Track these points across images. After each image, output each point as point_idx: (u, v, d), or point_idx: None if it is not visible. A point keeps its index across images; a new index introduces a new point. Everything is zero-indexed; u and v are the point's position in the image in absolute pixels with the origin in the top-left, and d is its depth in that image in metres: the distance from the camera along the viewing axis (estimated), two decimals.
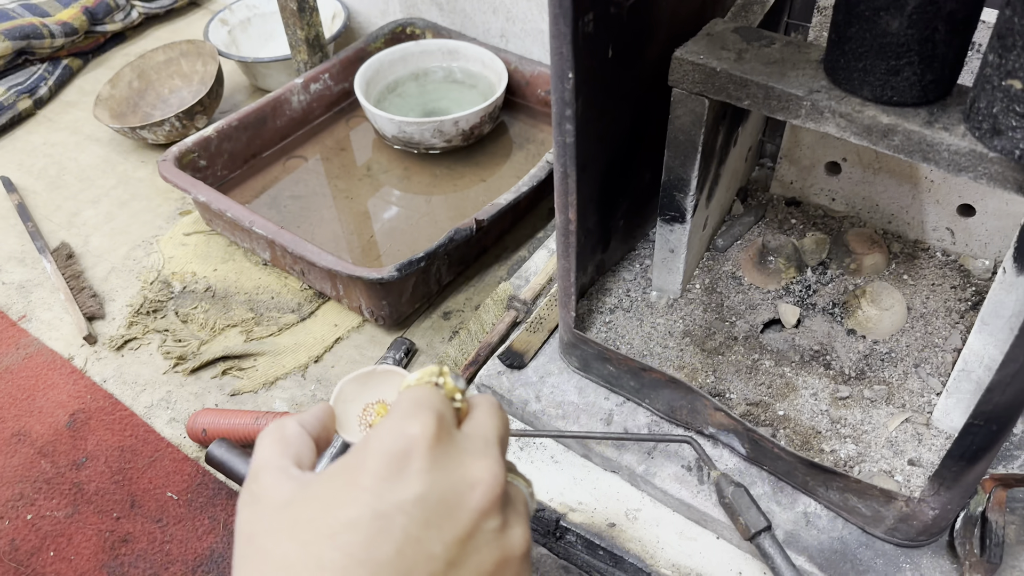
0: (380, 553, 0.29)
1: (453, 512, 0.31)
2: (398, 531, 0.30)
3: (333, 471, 0.32)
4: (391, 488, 0.30)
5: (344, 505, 0.30)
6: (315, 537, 0.30)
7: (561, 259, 0.64)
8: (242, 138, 1.03)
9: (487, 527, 0.31)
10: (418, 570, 0.30)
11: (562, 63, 0.51)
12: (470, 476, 0.32)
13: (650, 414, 0.69)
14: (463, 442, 0.33)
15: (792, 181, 0.82)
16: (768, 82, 0.56)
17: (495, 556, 0.32)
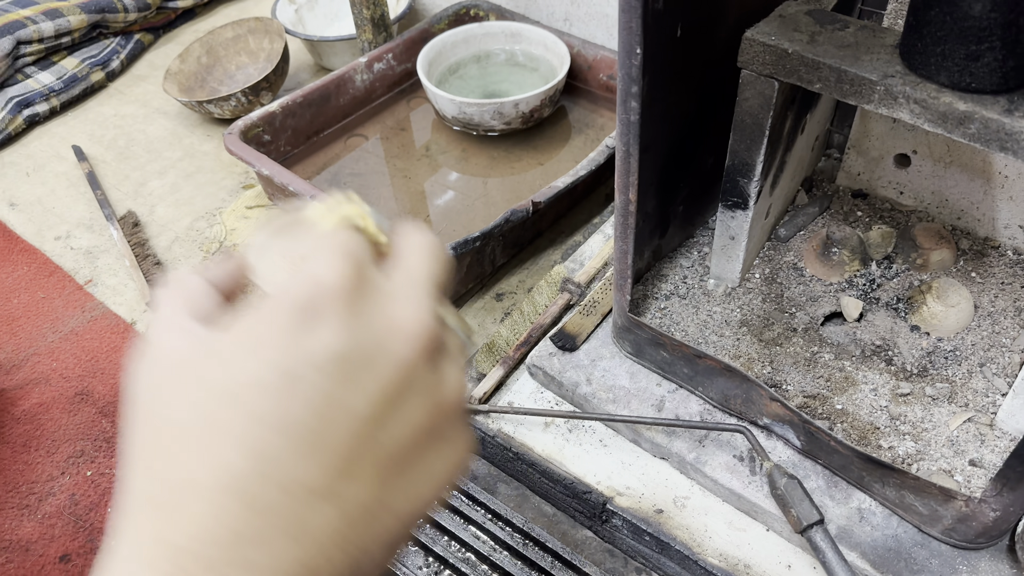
0: (289, 414, 0.26)
1: (374, 366, 0.27)
2: (310, 389, 0.26)
3: (237, 326, 0.28)
4: (300, 343, 0.27)
5: (247, 363, 0.27)
6: (213, 398, 0.27)
7: (619, 241, 0.64)
8: (306, 115, 1.04)
9: (415, 380, 0.28)
10: (336, 430, 0.27)
11: (631, 38, 0.50)
12: (393, 325, 0.28)
13: (703, 402, 0.68)
14: (386, 288, 0.29)
15: (859, 173, 0.80)
16: (841, 65, 0.54)
17: (426, 410, 0.29)
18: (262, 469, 0.26)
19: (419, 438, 0.28)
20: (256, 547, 0.25)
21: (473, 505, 0.65)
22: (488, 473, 0.70)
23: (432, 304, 0.29)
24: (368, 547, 0.28)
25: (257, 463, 0.26)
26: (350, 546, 0.27)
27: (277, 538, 0.26)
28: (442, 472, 0.30)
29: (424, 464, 0.29)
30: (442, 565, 0.62)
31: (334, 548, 0.27)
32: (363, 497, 0.27)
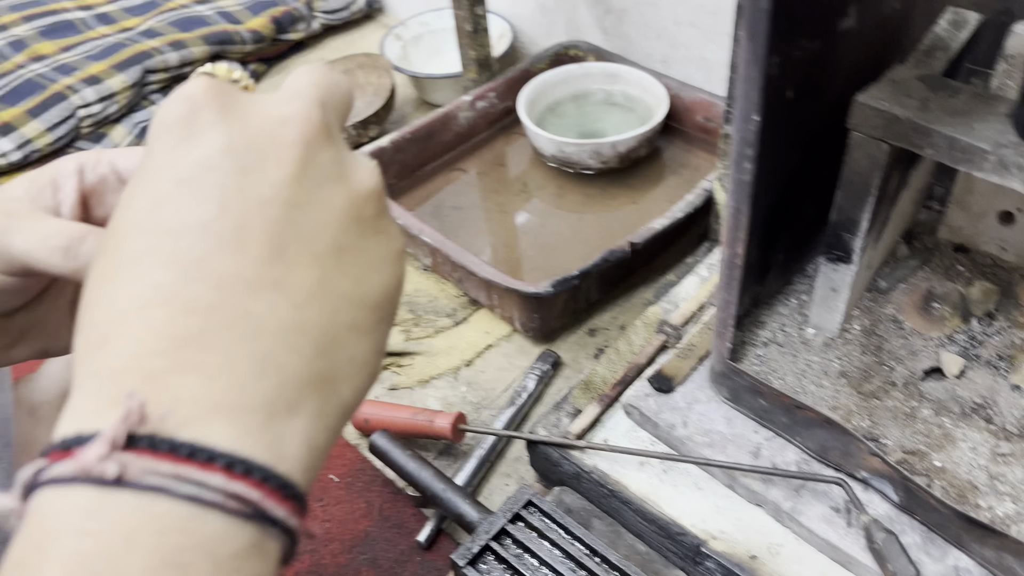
0: (195, 215, 0.26)
1: (269, 152, 0.27)
2: (211, 188, 0.26)
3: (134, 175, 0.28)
4: (185, 152, 0.27)
5: (140, 189, 0.27)
6: (119, 236, 0.27)
7: (723, 291, 0.66)
8: (412, 150, 1.10)
9: (319, 161, 0.28)
10: (253, 219, 0.26)
11: (748, 105, 0.53)
12: (277, 114, 0.28)
13: (799, 452, 0.69)
14: (262, 96, 0.29)
15: (961, 227, 0.80)
16: (953, 133, 0.56)
17: (340, 194, 0.28)
18: (187, 273, 0.25)
19: (342, 221, 0.28)
20: (202, 349, 0.25)
21: (571, 539, 0.67)
22: (583, 508, 0.72)
23: (318, 104, 0.29)
24: (332, 332, 0.27)
25: (180, 269, 0.25)
26: (310, 331, 0.26)
27: (223, 335, 0.25)
28: (382, 259, 0.29)
29: (359, 249, 0.28)
30: None
31: (293, 335, 0.26)
32: (304, 280, 0.27)
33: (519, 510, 0.69)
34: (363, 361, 0.28)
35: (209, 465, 0.23)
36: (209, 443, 0.24)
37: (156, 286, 0.25)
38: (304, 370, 0.26)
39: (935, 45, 0.68)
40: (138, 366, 0.25)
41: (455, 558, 0.66)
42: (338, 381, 0.27)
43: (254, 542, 0.24)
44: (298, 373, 0.26)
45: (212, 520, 0.23)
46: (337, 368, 0.27)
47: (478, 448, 0.81)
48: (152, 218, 0.26)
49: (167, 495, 0.23)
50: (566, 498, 0.73)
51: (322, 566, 0.75)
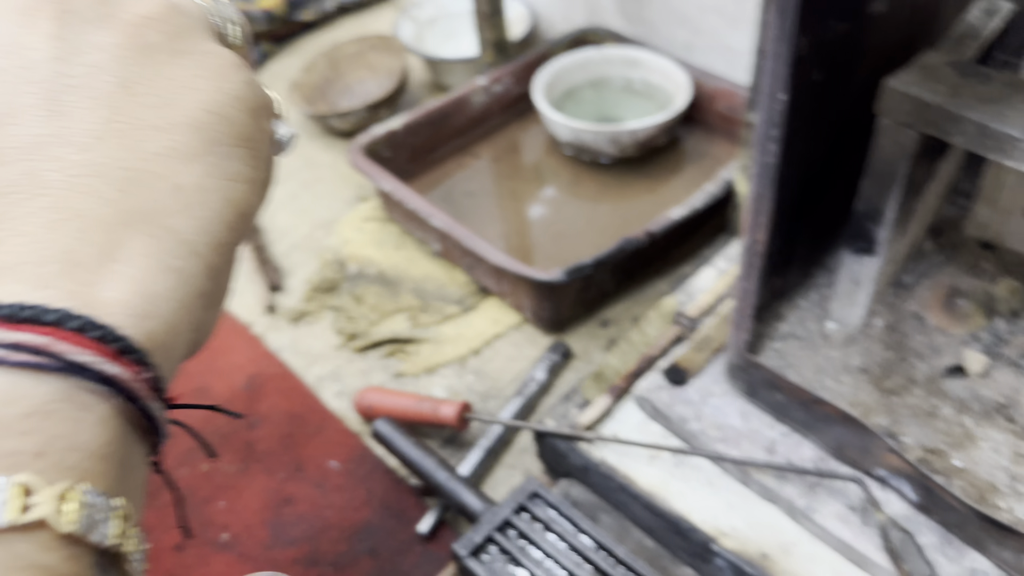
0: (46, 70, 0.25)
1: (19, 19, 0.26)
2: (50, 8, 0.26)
3: None
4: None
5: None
6: None
7: (742, 280, 0.64)
8: (425, 133, 1.08)
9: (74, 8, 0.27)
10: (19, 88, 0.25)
11: (776, 84, 0.51)
12: None
13: (816, 449, 0.67)
14: None
15: (988, 223, 0.78)
16: (984, 120, 0.53)
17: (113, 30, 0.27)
18: None
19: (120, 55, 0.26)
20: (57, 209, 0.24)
21: (577, 531, 0.65)
22: (590, 501, 0.71)
23: None
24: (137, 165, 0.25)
25: None
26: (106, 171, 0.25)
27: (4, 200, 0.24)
28: (193, 78, 0.27)
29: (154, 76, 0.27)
30: None
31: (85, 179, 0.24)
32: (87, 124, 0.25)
33: (524, 501, 0.67)
34: (196, 187, 0.26)
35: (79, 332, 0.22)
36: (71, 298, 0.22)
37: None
38: (109, 211, 0.24)
39: (966, 33, 0.65)
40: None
41: (457, 548, 0.64)
42: (165, 214, 0.25)
43: (57, 396, 0.22)
44: (101, 215, 0.24)
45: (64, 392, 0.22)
46: (158, 201, 0.25)
47: (483, 438, 0.79)
48: None
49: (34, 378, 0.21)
50: (573, 491, 0.71)
51: (320, 554, 0.74)
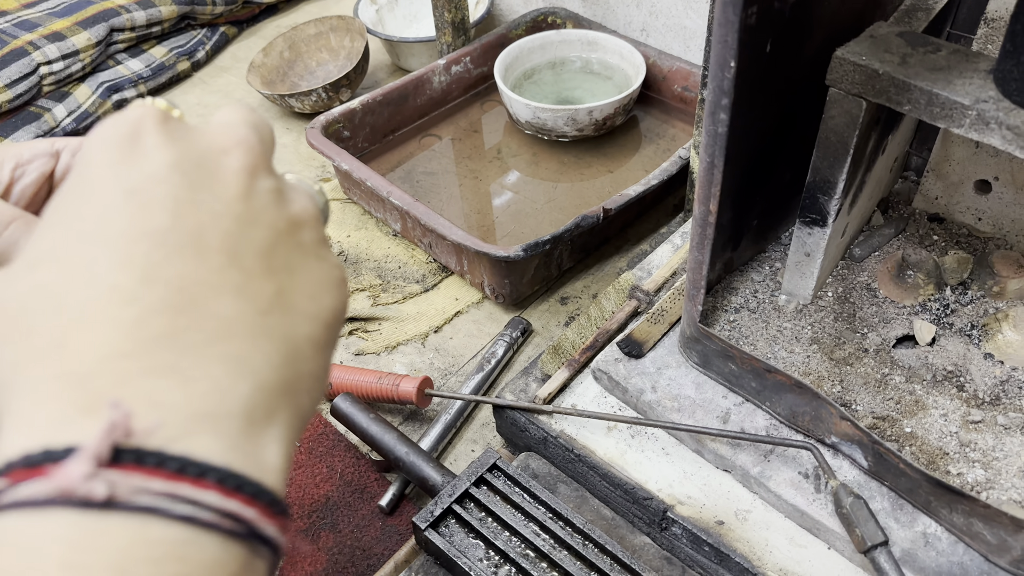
0: (150, 224, 0.25)
1: (215, 174, 0.27)
2: (163, 199, 0.26)
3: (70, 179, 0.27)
4: (132, 166, 0.26)
5: (80, 204, 0.26)
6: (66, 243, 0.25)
7: (694, 251, 0.65)
8: (384, 113, 1.07)
9: (261, 188, 0.28)
10: (208, 229, 0.26)
11: (725, 51, 0.51)
12: (218, 144, 0.28)
13: (769, 417, 0.68)
14: (199, 127, 0.29)
15: (937, 196, 0.79)
16: (933, 88, 0.54)
17: (285, 216, 0.28)
18: (147, 275, 0.24)
19: (288, 242, 0.28)
20: (173, 350, 0.23)
21: (535, 503, 0.66)
22: (549, 473, 0.71)
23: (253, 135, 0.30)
24: (295, 343, 0.27)
25: (139, 272, 0.24)
26: (276, 338, 0.26)
27: (193, 336, 0.24)
28: (330, 283, 0.29)
29: (307, 270, 0.29)
30: (502, 559, 0.63)
31: (261, 339, 0.25)
32: (264, 290, 0.26)
33: (483, 473, 0.67)
34: (318, 376, 0.28)
35: (201, 481, 0.21)
36: (198, 456, 0.22)
37: (115, 288, 0.24)
38: (275, 376, 0.25)
39: (917, 5, 0.66)
40: (108, 369, 0.22)
41: (416, 521, 0.64)
42: (301, 392, 0.27)
43: (246, 563, 0.22)
44: (270, 379, 0.25)
45: (208, 544, 0.21)
46: (300, 379, 0.27)
47: (445, 413, 0.79)
48: (101, 226, 0.25)
49: (161, 517, 0.21)
50: (532, 463, 0.72)
51: None
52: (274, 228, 0.28)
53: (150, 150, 0.27)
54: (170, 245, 0.25)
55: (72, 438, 0.21)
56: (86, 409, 0.21)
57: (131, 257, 0.24)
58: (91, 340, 0.23)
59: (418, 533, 0.65)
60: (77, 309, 0.23)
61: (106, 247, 0.24)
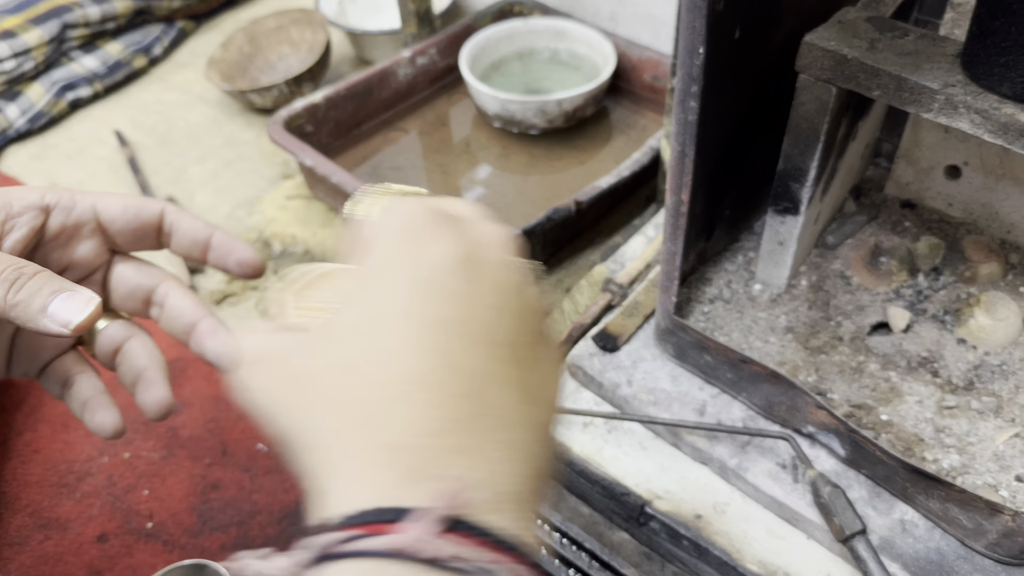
0: (445, 314, 0.29)
1: (481, 266, 0.31)
2: (445, 289, 0.29)
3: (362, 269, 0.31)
4: (419, 257, 0.30)
5: (373, 289, 0.29)
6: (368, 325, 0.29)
7: (667, 242, 0.64)
8: (348, 107, 1.05)
9: (510, 280, 0.31)
10: (493, 323, 0.29)
11: (694, 37, 0.50)
12: (481, 236, 0.32)
13: (746, 408, 0.68)
14: (455, 215, 0.32)
15: (908, 183, 0.79)
16: (901, 73, 0.54)
17: (523, 304, 0.31)
18: (442, 363, 0.28)
19: (536, 335, 0.32)
20: (468, 433, 0.27)
21: None
22: None
23: (504, 228, 0.33)
24: (542, 427, 0.30)
25: (435, 360, 0.28)
26: (532, 424, 0.29)
27: (482, 422, 0.27)
28: (555, 368, 0.33)
29: (545, 358, 0.32)
30: None
31: (535, 431, 0.29)
32: (529, 380, 0.29)
33: None
34: (547, 471, 0.30)
35: (516, 556, 0.25)
36: (507, 532, 0.25)
37: (414, 372, 0.27)
38: (542, 461, 0.29)
39: None
40: (422, 444, 0.26)
41: None
42: (542, 480, 0.30)
43: None
44: (540, 467, 0.29)
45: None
46: (540, 473, 0.29)
47: None
48: (397, 311, 0.28)
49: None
50: None
51: (250, 539, 0.72)
52: (536, 321, 0.32)
53: (436, 244, 0.30)
54: (463, 337, 0.28)
55: (405, 502, 0.25)
56: (412, 478, 0.25)
57: (428, 345, 0.28)
58: (399, 416, 0.27)
59: None
60: (383, 388, 0.27)
61: (406, 332, 0.28)
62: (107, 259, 0.43)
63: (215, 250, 0.43)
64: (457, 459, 0.26)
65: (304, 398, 0.29)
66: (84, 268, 0.42)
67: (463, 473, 0.26)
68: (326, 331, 0.30)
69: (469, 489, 0.25)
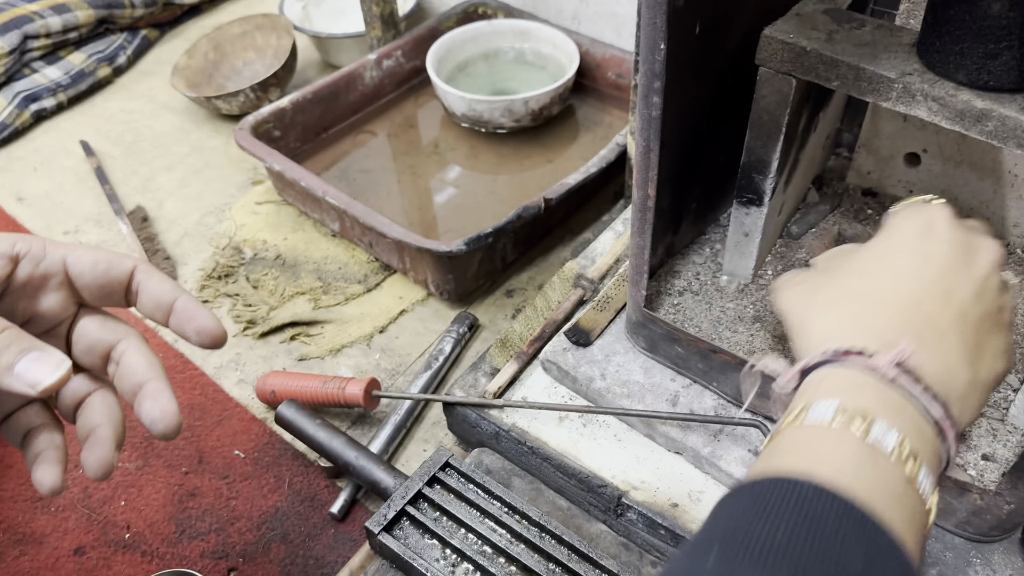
0: (926, 273, 0.44)
1: (971, 260, 0.45)
2: (936, 262, 0.45)
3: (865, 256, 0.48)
4: (925, 240, 0.46)
5: (899, 252, 0.46)
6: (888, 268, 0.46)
7: (635, 236, 0.64)
8: (315, 111, 1.05)
9: (993, 280, 0.45)
10: (956, 291, 0.44)
11: (655, 34, 0.51)
12: (979, 242, 0.46)
13: (717, 397, 0.69)
14: (966, 224, 0.48)
15: (869, 171, 0.81)
16: (859, 63, 0.55)
17: (998, 303, 0.45)
18: (914, 299, 0.43)
19: (993, 316, 0.45)
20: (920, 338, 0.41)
21: (489, 498, 0.65)
22: (503, 467, 0.70)
23: (989, 237, 0.48)
24: (977, 376, 0.43)
25: (908, 296, 0.44)
26: (970, 368, 0.42)
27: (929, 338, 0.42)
28: (1004, 350, 0.45)
29: (996, 338, 0.45)
30: (459, 557, 0.63)
31: (965, 363, 0.42)
32: (970, 338, 0.43)
33: (436, 472, 0.66)
34: (976, 407, 0.44)
35: (933, 399, 0.39)
36: (938, 391, 0.40)
37: (892, 301, 0.44)
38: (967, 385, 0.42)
39: None
40: (889, 326, 0.42)
41: (369, 525, 0.63)
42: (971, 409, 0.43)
43: (935, 450, 0.39)
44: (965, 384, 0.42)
45: (929, 432, 0.39)
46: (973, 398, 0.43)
47: (394, 414, 0.78)
48: (892, 263, 0.46)
49: (912, 399, 0.39)
50: (485, 459, 0.71)
51: (228, 546, 0.71)
52: (989, 306, 0.45)
53: (939, 233, 0.46)
54: (931, 291, 0.44)
55: (872, 350, 0.41)
56: (880, 341, 0.41)
57: (906, 285, 0.44)
58: (879, 316, 0.43)
59: (372, 538, 0.64)
60: (869, 302, 0.44)
61: (891, 275, 0.45)
62: (73, 312, 0.43)
63: (177, 315, 0.42)
64: (915, 343, 0.41)
65: (812, 299, 0.47)
66: (49, 320, 0.42)
67: (919, 351, 0.41)
68: (836, 267, 0.49)
69: (921, 360, 0.40)
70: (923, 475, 0.37)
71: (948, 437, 0.39)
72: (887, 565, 0.32)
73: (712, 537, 0.33)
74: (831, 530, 0.32)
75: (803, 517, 0.32)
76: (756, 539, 0.32)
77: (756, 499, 0.34)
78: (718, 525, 0.34)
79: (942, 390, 0.40)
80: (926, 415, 0.39)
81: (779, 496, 0.33)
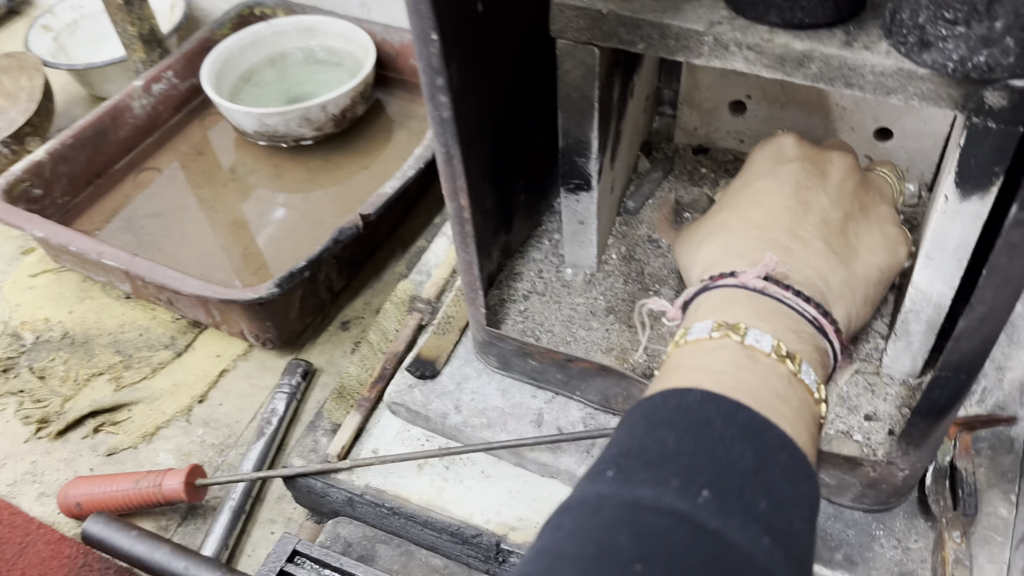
0: (783, 191, 0.48)
1: (823, 171, 0.49)
2: (790, 178, 0.49)
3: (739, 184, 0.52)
4: (777, 164, 0.50)
5: (747, 179, 0.51)
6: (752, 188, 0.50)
7: (460, 251, 0.56)
8: (81, 157, 0.90)
9: (848, 184, 0.49)
10: (814, 201, 0.48)
11: (423, 22, 0.42)
12: (827, 155, 0.50)
13: (583, 406, 0.62)
14: (820, 146, 0.52)
15: (696, 127, 0.76)
16: (662, 19, 0.49)
17: (859, 203, 0.49)
18: (771, 215, 0.47)
19: (857, 217, 0.49)
20: (786, 250, 0.45)
21: None
22: (364, 536, 0.61)
23: (856, 163, 0.52)
24: (853, 272, 0.47)
25: (765, 213, 0.48)
26: (842, 265, 0.46)
27: (796, 250, 0.45)
28: (881, 243, 0.49)
29: (868, 234, 0.49)
30: None
31: (833, 264, 0.45)
32: (838, 241, 0.47)
33: (283, 567, 0.56)
34: (867, 302, 0.48)
35: (809, 302, 0.42)
36: (810, 293, 0.43)
37: (753, 223, 0.48)
38: (840, 282, 0.45)
39: None
40: (754, 246, 0.46)
41: None
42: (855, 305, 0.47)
43: (818, 343, 0.42)
44: (838, 281, 0.45)
45: (807, 330, 0.42)
46: (855, 294, 0.46)
47: (228, 500, 0.67)
48: (752, 187, 0.50)
49: (785, 305, 0.42)
50: (342, 531, 0.62)
51: None
52: (849, 208, 0.49)
53: (789, 154, 0.51)
54: (790, 206, 0.47)
55: (739, 269, 0.44)
56: (745, 260, 0.45)
57: (766, 206, 0.48)
58: (751, 239, 0.47)
59: None
60: (742, 224, 0.48)
61: (752, 201, 0.49)
62: None
63: None
64: (784, 255, 0.44)
65: (691, 240, 0.50)
66: None
67: (785, 260, 0.44)
68: (713, 209, 0.52)
69: (789, 269, 0.43)
70: (805, 370, 0.38)
71: (828, 332, 0.42)
72: (778, 456, 0.33)
73: (608, 456, 0.34)
74: (719, 432, 0.33)
75: (691, 423, 0.34)
76: (648, 450, 0.33)
77: (647, 415, 0.36)
78: (614, 445, 0.35)
79: (816, 291, 0.43)
80: (801, 316, 0.41)
81: (667, 408, 0.35)
